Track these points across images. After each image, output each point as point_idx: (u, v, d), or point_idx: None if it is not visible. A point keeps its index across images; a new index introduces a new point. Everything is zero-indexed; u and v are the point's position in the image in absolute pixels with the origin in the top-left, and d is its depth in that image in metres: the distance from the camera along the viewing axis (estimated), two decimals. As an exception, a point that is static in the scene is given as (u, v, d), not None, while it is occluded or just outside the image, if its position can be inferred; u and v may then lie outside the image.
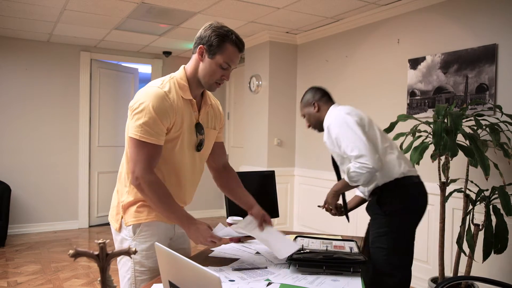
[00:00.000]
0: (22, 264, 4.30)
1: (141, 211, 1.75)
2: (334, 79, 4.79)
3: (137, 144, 1.63)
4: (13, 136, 5.58)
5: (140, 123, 1.62)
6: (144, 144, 1.63)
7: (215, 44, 1.68)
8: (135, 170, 1.64)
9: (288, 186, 5.32)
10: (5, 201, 4.96)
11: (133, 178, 1.65)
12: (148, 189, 1.63)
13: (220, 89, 7.29)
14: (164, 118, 1.64)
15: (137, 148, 1.64)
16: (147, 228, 1.74)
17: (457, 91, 3.49)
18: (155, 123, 1.62)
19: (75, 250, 1.05)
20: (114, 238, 1.82)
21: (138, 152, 1.63)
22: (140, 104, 1.64)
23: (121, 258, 1.77)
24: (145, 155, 1.63)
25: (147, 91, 1.67)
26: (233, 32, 1.72)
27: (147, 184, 1.63)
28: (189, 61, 1.78)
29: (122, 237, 1.77)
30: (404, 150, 3.01)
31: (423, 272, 3.70)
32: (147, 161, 1.64)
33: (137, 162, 1.63)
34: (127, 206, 1.76)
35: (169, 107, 1.65)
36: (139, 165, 1.63)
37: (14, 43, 5.58)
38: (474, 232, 2.88)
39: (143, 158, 1.63)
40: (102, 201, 6.14)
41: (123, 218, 1.76)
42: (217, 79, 1.73)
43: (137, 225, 1.73)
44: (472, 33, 3.40)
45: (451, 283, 2.07)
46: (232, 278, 1.56)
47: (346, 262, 1.65)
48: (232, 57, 1.71)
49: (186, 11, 4.30)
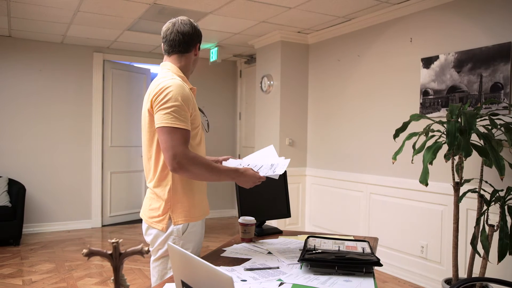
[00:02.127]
0: (36, 263, 4.36)
1: (191, 211, 1.82)
2: (346, 78, 4.77)
3: (170, 131, 1.69)
4: (28, 137, 5.66)
5: (169, 111, 1.70)
6: (177, 130, 1.70)
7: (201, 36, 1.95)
8: (176, 153, 1.68)
9: (300, 186, 5.31)
10: (20, 201, 5.04)
11: (175, 162, 1.68)
12: (192, 165, 1.70)
13: (231, 89, 7.33)
14: (188, 105, 1.75)
15: (170, 135, 1.69)
16: (194, 228, 1.84)
17: (471, 90, 3.44)
18: (182, 109, 1.72)
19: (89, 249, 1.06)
20: (154, 238, 1.83)
21: (172, 138, 1.69)
22: (166, 95, 1.71)
23: (160, 255, 1.83)
24: (181, 139, 1.70)
25: (169, 82, 1.75)
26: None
27: (190, 161, 1.70)
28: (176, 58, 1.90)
29: (167, 237, 1.80)
30: (417, 150, 2.98)
31: (436, 273, 3.66)
32: (185, 143, 1.72)
33: (174, 146, 1.68)
34: (175, 204, 1.81)
35: (189, 94, 1.78)
36: (178, 148, 1.68)
37: (28, 44, 5.66)
38: (489, 233, 2.84)
39: (179, 142, 1.69)
40: (115, 201, 6.19)
41: (171, 217, 1.80)
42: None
43: (186, 225, 1.81)
44: (486, 31, 3.35)
45: (465, 285, 2.04)
46: (244, 278, 1.56)
47: (359, 263, 1.63)
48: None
49: (198, 12, 4.32)
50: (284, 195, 2.46)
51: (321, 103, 5.16)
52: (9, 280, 3.82)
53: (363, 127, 4.51)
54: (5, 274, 3.99)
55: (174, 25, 1.86)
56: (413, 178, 3.80)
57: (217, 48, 5.97)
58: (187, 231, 1.81)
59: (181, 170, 1.69)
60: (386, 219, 4.18)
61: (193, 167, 1.70)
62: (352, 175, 4.61)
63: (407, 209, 3.96)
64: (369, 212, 4.41)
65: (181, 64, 1.90)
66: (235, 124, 7.04)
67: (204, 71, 6.64)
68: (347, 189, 4.69)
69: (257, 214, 2.15)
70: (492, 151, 2.67)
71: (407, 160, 3.41)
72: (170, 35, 1.86)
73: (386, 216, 4.18)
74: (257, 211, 2.18)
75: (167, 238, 1.80)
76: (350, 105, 4.69)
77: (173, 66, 1.88)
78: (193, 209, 1.83)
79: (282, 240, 2.16)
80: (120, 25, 4.89)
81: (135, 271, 4.11)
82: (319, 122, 5.19)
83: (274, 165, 1.91)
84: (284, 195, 2.46)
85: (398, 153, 3.05)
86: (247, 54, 6.49)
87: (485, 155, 2.70)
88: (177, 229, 1.80)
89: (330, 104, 4.99)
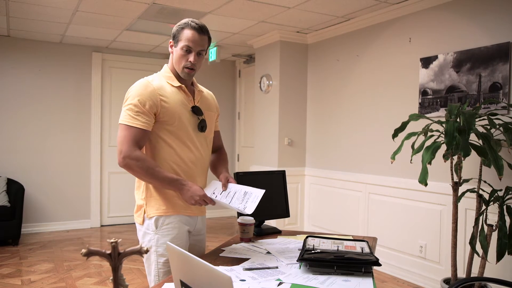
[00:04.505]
0: (35, 263, 4.35)
1: (164, 205, 1.85)
2: (345, 78, 4.77)
3: (123, 128, 1.79)
4: (26, 136, 5.65)
5: (125, 109, 1.80)
6: (128, 128, 1.77)
7: (176, 34, 1.88)
8: (122, 150, 1.76)
9: (299, 186, 5.31)
10: (19, 201, 5.03)
11: (120, 158, 1.76)
12: (136, 164, 1.74)
13: (230, 89, 7.32)
14: (146, 103, 1.78)
15: (122, 132, 1.78)
16: (169, 221, 1.85)
17: (470, 90, 3.45)
18: (137, 108, 1.77)
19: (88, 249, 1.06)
20: (138, 233, 1.93)
21: (123, 135, 1.77)
22: (127, 94, 1.84)
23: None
24: (129, 137, 1.76)
25: (134, 84, 1.86)
26: (192, 20, 1.88)
27: (134, 159, 1.74)
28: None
29: (144, 231, 1.87)
30: (415, 150, 2.98)
31: (435, 273, 3.67)
32: (132, 141, 1.76)
33: (122, 143, 1.76)
34: (148, 198, 1.86)
35: (152, 91, 1.80)
36: (124, 145, 1.76)
37: (27, 44, 5.65)
38: (488, 233, 2.84)
39: (128, 139, 1.76)
40: (114, 201, 6.19)
41: (145, 211, 1.86)
42: (185, 64, 1.87)
43: (159, 218, 1.83)
44: (485, 31, 3.36)
45: (464, 284, 2.04)
46: (243, 278, 1.56)
47: (358, 262, 1.64)
48: (191, 39, 1.85)
49: (197, 11, 4.32)
50: (283, 195, 2.46)
51: (320, 103, 5.16)
52: (8, 280, 3.82)
53: (362, 127, 4.51)
54: (4, 274, 3.99)
55: None
56: (412, 178, 3.80)
57: (216, 48, 5.97)
58: (160, 225, 1.84)
59: (124, 166, 1.77)
60: (385, 219, 4.19)
61: (135, 165, 1.75)
62: (351, 175, 4.61)
63: (406, 209, 3.96)
64: (368, 212, 4.41)
65: (170, 63, 1.96)
66: (234, 124, 7.04)
67: (203, 71, 6.61)
68: (346, 189, 4.69)
69: (256, 214, 2.15)
70: (491, 151, 2.67)
71: (406, 160, 3.41)
72: None
73: (385, 216, 4.18)
74: (256, 211, 2.18)
75: (144, 232, 1.87)
76: (349, 105, 4.70)
77: (165, 66, 1.97)
78: (168, 203, 1.85)
79: (281, 240, 2.16)
80: (119, 25, 4.89)
81: (134, 271, 4.11)
82: (318, 122, 5.20)
83: (247, 193, 1.82)
84: (283, 195, 2.46)
85: (397, 153, 3.05)
86: (246, 54, 6.49)
87: (484, 155, 2.71)
88: (150, 222, 1.85)
89: (329, 104, 5.00)
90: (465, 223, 3.42)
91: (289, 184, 2.76)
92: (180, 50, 1.86)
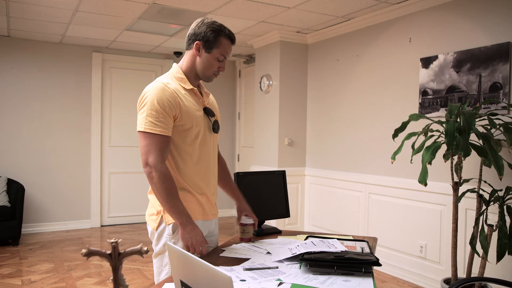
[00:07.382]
0: (35, 263, 4.35)
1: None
2: (345, 78, 4.77)
3: (145, 136, 1.74)
4: (26, 136, 5.65)
5: (144, 116, 1.75)
6: (152, 135, 1.73)
7: (211, 39, 1.82)
8: (149, 159, 1.72)
9: (299, 186, 5.31)
10: (19, 201, 5.03)
11: (145, 169, 1.74)
12: (158, 179, 1.71)
13: (230, 89, 7.32)
14: (166, 107, 1.75)
15: (146, 140, 1.74)
16: None
17: (470, 90, 3.45)
18: (158, 113, 1.73)
19: (88, 249, 1.06)
20: (150, 236, 1.91)
21: (148, 143, 1.73)
22: (144, 99, 1.78)
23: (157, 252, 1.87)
24: (155, 146, 1.73)
25: (150, 86, 1.81)
26: (225, 26, 1.87)
27: (158, 173, 1.71)
28: (182, 57, 1.94)
29: (159, 235, 1.85)
30: (416, 150, 2.98)
31: (435, 273, 3.67)
32: (159, 151, 1.73)
33: (149, 152, 1.73)
34: None
35: (170, 95, 1.77)
36: (152, 155, 1.72)
37: (27, 44, 5.65)
38: (488, 233, 2.84)
39: (154, 148, 1.73)
40: (114, 201, 6.18)
41: (163, 217, 1.83)
42: (215, 71, 1.89)
43: (177, 224, 1.80)
44: (485, 31, 3.36)
45: (464, 284, 2.04)
46: (243, 278, 1.56)
47: (358, 262, 1.64)
48: (227, 50, 1.86)
49: (197, 12, 4.32)
50: (283, 195, 2.46)
51: (320, 103, 5.16)
52: (8, 280, 3.82)
53: (362, 127, 4.51)
54: (4, 274, 3.99)
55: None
56: (412, 178, 3.80)
57: (216, 48, 5.96)
58: (178, 231, 1.82)
59: (148, 177, 1.75)
60: (385, 219, 4.19)
61: (157, 179, 1.71)
62: (351, 175, 4.61)
63: (406, 209, 3.96)
64: (368, 212, 4.41)
65: (183, 63, 1.91)
66: (234, 124, 7.04)
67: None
68: (346, 189, 4.69)
69: (256, 214, 2.15)
70: (491, 151, 2.67)
71: (406, 160, 3.41)
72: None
73: (385, 216, 4.18)
74: (256, 211, 2.18)
75: (160, 236, 1.85)
76: (349, 105, 4.70)
77: (176, 66, 1.92)
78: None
79: (281, 240, 2.16)
80: (119, 25, 4.89)
81: (134, 271, 4.11)
82: (318, 122, 5.20)
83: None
84: (283, 195, 2.46)
85: (397, 153, 3.05)
86: (246, 54, 6.49)
87: (484, 155, 2.71)
88: (168, 228, 1.83)
89: (329, 104, 4.99)
90: (465, 223, 3.42)
91: (289, 184, 2.77)
92: (213, 58, 1.84)
